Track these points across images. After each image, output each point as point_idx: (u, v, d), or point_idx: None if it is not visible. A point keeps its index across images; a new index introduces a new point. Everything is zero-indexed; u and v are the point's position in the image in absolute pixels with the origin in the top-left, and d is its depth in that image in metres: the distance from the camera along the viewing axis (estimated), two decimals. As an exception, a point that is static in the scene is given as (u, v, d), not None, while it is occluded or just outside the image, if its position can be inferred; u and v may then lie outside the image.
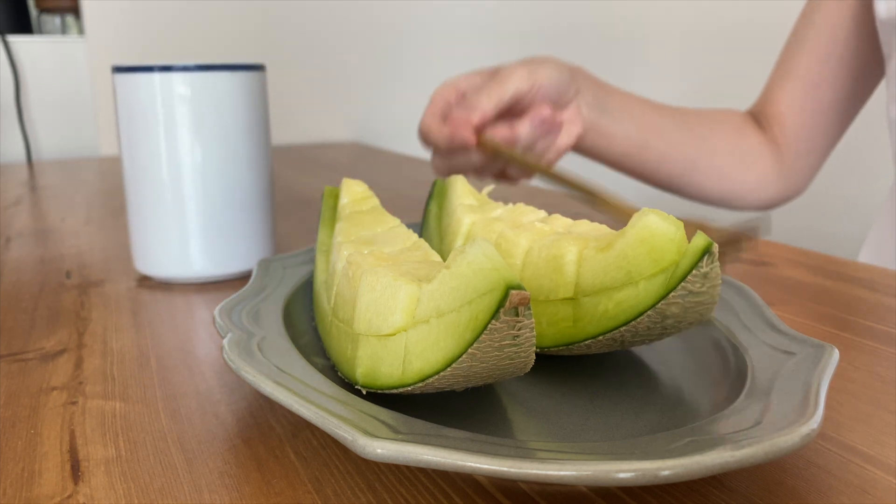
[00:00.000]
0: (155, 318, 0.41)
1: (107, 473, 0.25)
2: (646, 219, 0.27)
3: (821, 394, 0.23)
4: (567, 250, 0.30)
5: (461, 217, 0.38)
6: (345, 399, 0.25)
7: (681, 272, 0.25)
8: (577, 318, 0.29)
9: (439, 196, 0.44)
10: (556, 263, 0.30)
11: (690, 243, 0.25)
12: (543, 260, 0.31)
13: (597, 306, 0.28)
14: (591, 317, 0.28)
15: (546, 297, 0.30)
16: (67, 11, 1.23)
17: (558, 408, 0.28)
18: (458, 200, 0.40)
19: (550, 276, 0.30)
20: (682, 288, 0.25)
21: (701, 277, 0.25)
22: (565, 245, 0.30)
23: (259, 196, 0.47)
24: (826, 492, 0.23)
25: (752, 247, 0.25)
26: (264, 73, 0.46)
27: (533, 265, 0.32)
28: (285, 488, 0.24)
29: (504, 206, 0.39)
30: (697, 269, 0.25)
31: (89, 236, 0.60)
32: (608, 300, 0.28)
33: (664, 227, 0.26)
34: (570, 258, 0.30)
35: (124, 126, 0.45)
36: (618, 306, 0.27)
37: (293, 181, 0.88)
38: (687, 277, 0.25)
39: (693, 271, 0.25)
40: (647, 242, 0.27)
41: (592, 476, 0.20)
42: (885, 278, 0.46)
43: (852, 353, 0.35)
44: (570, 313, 0.29)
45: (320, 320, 0.33)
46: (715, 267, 0.25)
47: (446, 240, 0.39)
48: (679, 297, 0.25)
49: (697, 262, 0.25)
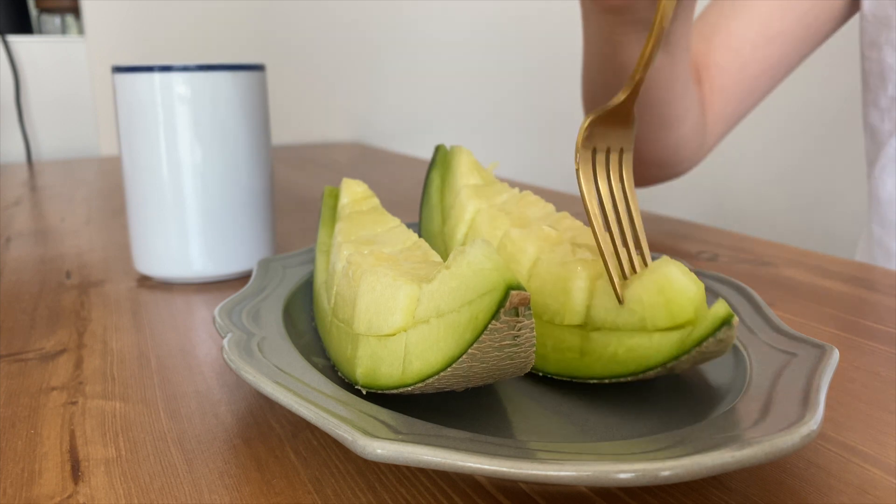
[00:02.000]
0: (155, 318, 0.41)
1: (107, 473, 0.25)
2: (667, 269, 0.26)
3: (821, 394, 0.23)
4: (577, 275, 0.29)
5: (465, 201, 0.37)
6: (345, 399, 0.25)
7: (697, 337, 0.25)
8: (585, 352, 0.29)
9: (442, 166, 0.42)
10: (565, 286, 0.30)
11: (711, 310, 0.24)
12: (552, 277, 0.30)
13: (606, 347, 0.28)
14: (598, 355, 0.28)
15: (551, 319, 0.30)
16: (67, 11, 1.23)
17: (558, 408, 0.28)
18: (463, 179, 0.39)
19: (557, 298, 0.30)
20: (696, 351, 0.25)
21: (716, 342, 0.25)
22: (576, 269, 0.29)
23: (259, 196, 0.47)
24: (826, 492, 0.23)
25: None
26: (264, 73, 0.46)
27: (540, 278, 0.31)
28: (285, 488, 0.24)
29: (510, 189, 0.38)
30: (714, 336, 0.24)
31: (89, 236, 0.60)
32: (618, 344, 0.27)
33: (685, 284, 0.26)
34: (581, 285, 0.29)
35: (124, 126, 0.45)
36: (628, 353, 0.27)
37: (293, 181, 0.88)
38: (702, 343, 0.25)
39: (710, 338, 0.24)
40: (665, 294, 0.26)
41: (592, 476, 0.20)
42: (885, 278, 0.46)
43: (852, 353, 0.35)
44: (577, 344, 0.29)
45: (320, 320, 0.33)
46: (732, 332, 0.24)
47: (449, 222, 0.38)
48: (691, 357, 0.25)
49: (715, 331, 0.24)
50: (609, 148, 0.31)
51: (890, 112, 0.62)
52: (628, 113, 0.31)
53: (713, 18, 0.63)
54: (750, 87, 0.63)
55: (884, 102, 0.62)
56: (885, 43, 0.60)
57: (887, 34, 0.60)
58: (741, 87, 0.62)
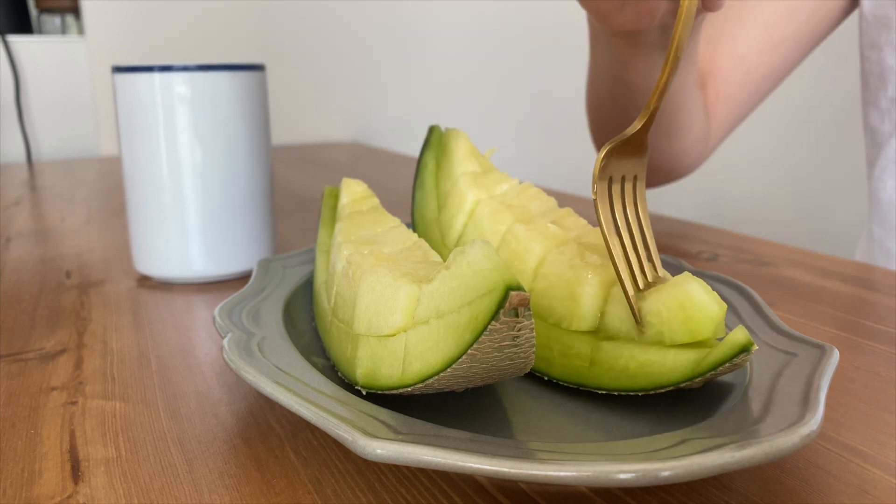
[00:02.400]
0: (155, 318, 0.41)
1: (107, 473, 0.25)
2: (689, 286, 0.26)
3: (821, 394, 0.23)
4: (587, 281, 0.29)
5: (464, 190, 0.37)
6: (345, 399, 0.25)
7: (713, 361, 0.25)
8: (595, 361, 0.28)
9: (437, 148, 0.40)
10: (573, 291, 0.29)
11: (730, 336, 0.24)
12: (559, 280, 0.30)
13: (617, 359, 0.28)
14: (609, 366, 0.28)
15: (557, 323, 0.30)
16: (67, 11, 1.23)
17: (558, 408, 0.28)
18: (461, 166, 0.38)
19: (564, 303, 0.30)
20: (710, 373, 0.25)
21: (731, 367, 0.25)
22: (586, 275, 0.29)
23: (259, 196, 0.47)
24: (826, 492, 0.23)
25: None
26: (264, 73, 0.46)
27: (545, 280, 0.31)
28: (285, 488, 0.24)
29: (510, 179, 0.37)
30: (730, 362, 0.24)
31: (89, 236, 0.60)
32: (631, 357, 0.27)
33: (707, 302, 0.26)
34: (591, 291, 0.29)
35: (124, 126, 0.45)
36: (640, 368, 0.27)
37: (293, 181, 0.88)
38: (717, 368, 0.25)
39: (725, 364, 0.24)
40: (685, 310, 0.26)
41: (592, 476, 0.20)
42: (885, 278, 0.46)
43: (852, 353, 0.35)
44: (586, 352, 0.29)
45: (320, 320, 0.33)
46: (748, 358, 0.25)
47: (446, 210, 0.37)
48: (703, 379, 0.25)
49: (732, 358, 0.24)
50: (624, 176, 0.31)
51: (890, 113, 0.62)
52: (642, 142, 0.31)
53: (719, 24, 0.63)
54: (754, 91, 0.63)
55: (884, 103, 0.62)
56: (886, 44, 0.60)
57: (887, 35, 0.59)
58: (745, 91, 0.62)
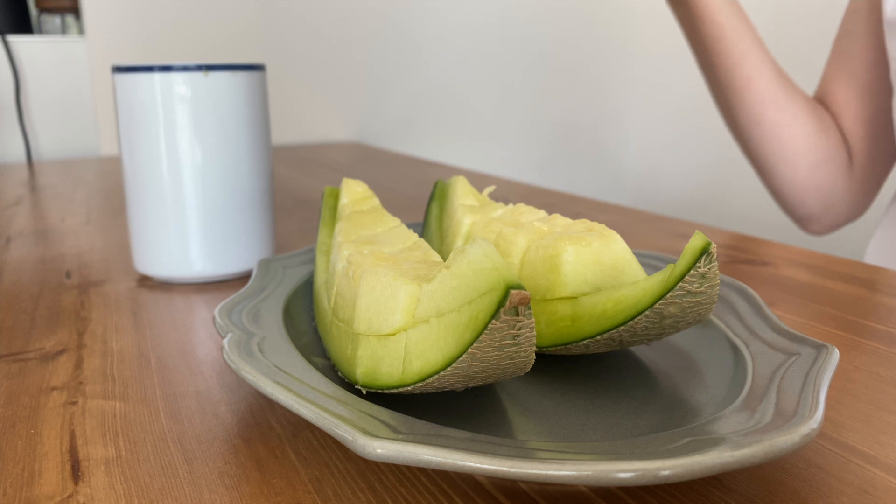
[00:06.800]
0: (155, 318, 0.41)
1: (107, 473, 0.25)
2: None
3: (821, 394, 0.23)
4: (563, 249, 0.30)
5: (461, 217, 0.38)
6: (345, 399, 0.25)
7: (679, 272, 0.25)
8: (576, 317, 0.29)
9: (440, 198, 0.44)
10: (553, 263, 0.30)
11: (689, 243, 0.25)
12: (541, 259, 0.31)
13: (595, 306, 0.28)
14: (589, 316, 0.28)
15: (543, 297, 0.30)
16: (67, 11, 1.23)
17: (558, 408, 0.28)
18: (459, 201, 0.40)
19: (547, 276, 0.30)
20: (680, 288, 0.25)
21: (699, 277, 0.25)
22: (562, 244, 0.30)
23: (259, 196, 0.47)
24: (826, 492, 0.23)
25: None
26: (264, 73, 0.46)
27: (531, 264, 0.32)
28: (285, 488, 0.24)
29: (505, 206, 0.39)
30: (695, 270, 0.25)
31: (89, 236, 0.60)
32: (606, 300, 0.28)
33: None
34: (568, 258, 0.30)
35: (124, 126, 0.45)
36: (616, 306, 0.27)
37: (293, 181, 0.88)
38: (685, 277, 0.25)
39: (691, 271, 0.25)
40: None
41: (592, 476, 0.20)
42: (885, 278, 0.46)
43: (852, 353, 0.35)
44: (568, 312, 0.29)
45: (320, 320, 0.33)
46: (713, 267, 0.25)
47: (447, 241, 0.39)
48: (677, 297, 0.26)
49: (695, 263, 0.25)
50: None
51: None
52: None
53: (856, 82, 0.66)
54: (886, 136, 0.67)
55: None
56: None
57: None
58: (883, 146, 0.67)
